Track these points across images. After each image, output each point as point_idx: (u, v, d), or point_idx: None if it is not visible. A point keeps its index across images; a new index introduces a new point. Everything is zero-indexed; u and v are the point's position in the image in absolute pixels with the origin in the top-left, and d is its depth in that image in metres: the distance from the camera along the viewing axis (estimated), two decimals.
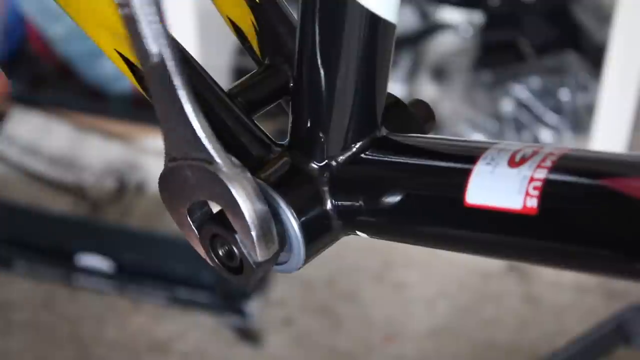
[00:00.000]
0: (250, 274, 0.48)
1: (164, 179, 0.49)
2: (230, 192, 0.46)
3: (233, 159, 0.47)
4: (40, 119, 1.94)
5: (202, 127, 0.47)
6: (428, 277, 1.70)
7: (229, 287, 1.57)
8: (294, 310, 1.65)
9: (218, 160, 0.46)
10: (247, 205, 0.46)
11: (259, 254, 0.47)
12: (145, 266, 1.62)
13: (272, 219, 0.47)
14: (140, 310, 1.64)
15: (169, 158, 0.49)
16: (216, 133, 0.50)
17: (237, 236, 0.47)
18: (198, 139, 0.47)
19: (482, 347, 1.58)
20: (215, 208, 0.49)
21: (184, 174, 0.48)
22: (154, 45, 0.45)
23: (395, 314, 1.65)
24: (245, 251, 0.47)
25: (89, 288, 1.64)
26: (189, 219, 0.50)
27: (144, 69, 0.46)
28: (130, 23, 0.44)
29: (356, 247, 1.68)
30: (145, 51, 0.45)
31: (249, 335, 1.59)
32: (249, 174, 0.47)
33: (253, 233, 0.46)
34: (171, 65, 0.45)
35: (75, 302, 1.65)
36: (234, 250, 0.48)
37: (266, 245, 0.47)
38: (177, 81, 0.46)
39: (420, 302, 1.66)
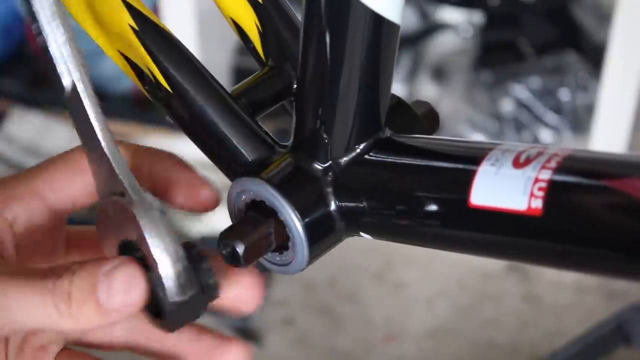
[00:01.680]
0: (171, 316, 0.45)
1: (97, 219, 0.48)
2: (139, 224, 0.44)
3: (147, 194, 0.46)
4: (40, 119, 1.94)
5: (114, 158, 0.46)
6: (428, 277, 1.70)
7: None
8: (294, 310, 1.65)
9: (130, 192, 0.45)
10: (156, 241, 0.44)
11: (168, 292, 0.44)
12: None
13: (186, 258, 0.44)
14: None
15: (100, 197, 0.48)
16: (219, 134, 0.49)
17: (151, 275, 0.44)
18: (112, 170, 0.46)
19: (482, 347, 1.58)
20: None
21: (107, 212, 0.47)
22: (67, 77, 0.45)
23: (395, 314, 1.65)
24: (160, 292, 0.44)
25: None
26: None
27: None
28: (47, 53, 0.45)
29: (357, 247, 1.68)
30: (60, 82, 0.46)
31: (249, 335, 1.59)
32: (161, 210, 0.45)
33: (161, 271, 0.44)
34: (84, 97, 0.45)
35: None
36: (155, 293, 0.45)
37: (178, 282, 0.44)
38: (91, 112, 0.46)
39: (420, 302, 1.66)
